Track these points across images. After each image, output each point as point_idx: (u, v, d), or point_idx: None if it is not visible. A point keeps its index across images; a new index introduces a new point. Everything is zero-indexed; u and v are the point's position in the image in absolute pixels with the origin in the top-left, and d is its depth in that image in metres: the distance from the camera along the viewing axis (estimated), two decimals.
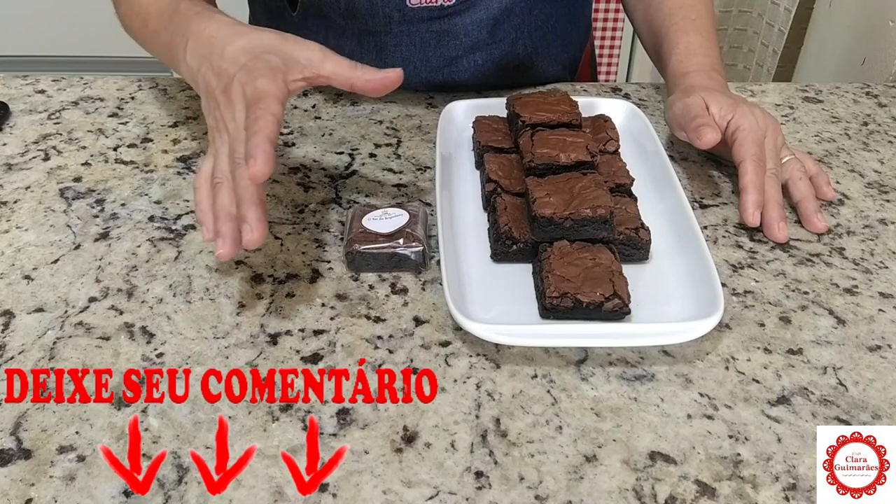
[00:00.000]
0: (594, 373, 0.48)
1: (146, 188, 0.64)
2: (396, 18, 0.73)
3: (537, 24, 0.78)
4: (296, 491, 0.41)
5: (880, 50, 1.06)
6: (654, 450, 0.44)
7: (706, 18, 0.73)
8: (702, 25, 0.72)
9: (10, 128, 0.73)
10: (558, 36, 0.81)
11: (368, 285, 0.55)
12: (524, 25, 0.77)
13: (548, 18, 0.78)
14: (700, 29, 0.72)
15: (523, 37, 0.77)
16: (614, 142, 0.64)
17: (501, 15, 0.75)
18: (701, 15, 0.73)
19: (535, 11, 0.77)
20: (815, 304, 0.54)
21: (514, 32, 0.77)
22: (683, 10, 0.73)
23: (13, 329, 0.51)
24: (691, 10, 0.73)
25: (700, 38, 0.71)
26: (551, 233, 0.53)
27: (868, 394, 0.48)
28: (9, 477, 0.42)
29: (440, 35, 0.75)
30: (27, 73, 0.83)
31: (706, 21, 0.73)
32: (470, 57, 0.77)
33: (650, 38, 0.78)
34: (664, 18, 0.74)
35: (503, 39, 0.76)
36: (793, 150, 0.64)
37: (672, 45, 0.72)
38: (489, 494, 0.41)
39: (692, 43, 0.71)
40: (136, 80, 0.81)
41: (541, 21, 0.78)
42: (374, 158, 0.69)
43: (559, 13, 0.80)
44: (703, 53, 0.70)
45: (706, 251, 0.53)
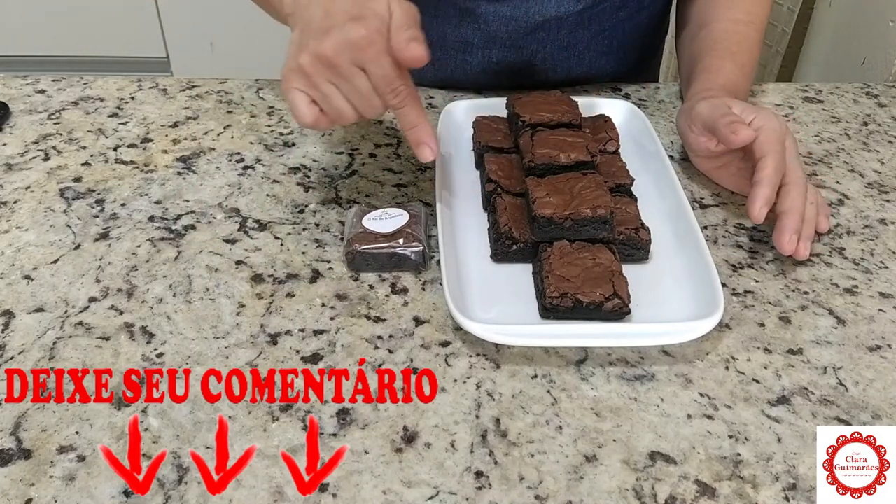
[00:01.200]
0: (594, 373, 0.48)
1: (146, 188, 0.64)
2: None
3: (562, 45, 0.76)
4: (296, 491, 0.41)
5: (880, 50, 1.06)
6: (654, 450, 0.44)
7: (747, 53, 0.71)
8: (741, 59, 0.70)
9: (10, 128, 0.73)
10: (584, 63, 0.79)
11: (368, 285, 0.55)
12: (548, 41, 0.76)
13: (576, 43, 0.77)
14: (738, 60, 0.70)
15: (544, 51, 0.76)
16: (614, 142, 0.64)
17: (529, 26, 0.74)
18: (742, 49, 0.71)
19: (564, 32, 0.75)
20: (815, 304, 0.54)
21: (535, 44, 0.76)
22: (727, 42, 0.71)
23: (13, 329, 0.51)
24: (736, 44, 0.71)
25: (734, 67, 0.69)
26: (551, 233, 0.53)
27: (868, 394, 0.48)
28: (9, 477, 0.42)
29: (463, 15, 0.74)
30: (27, 73, 0.83)
31: (746, 56, 0.71)
32: (486, 51, 0.76)
33: (688, 65, 0.75)
34: (707, 46, 0.72)
35: (522, 47, 0.76)
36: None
37: (703, 67, 0.70)
38: (489, 494, 0.41)
39: (724, 69, 0.69)
40: (136, 80, 0.81)
41: (567, 43, 0.76)
42: (374, 158, 0.69)
43: (592, 41, 0.77)
44: (732, 81, 0.68)
45: (706, 251, 0.53)
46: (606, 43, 0.78)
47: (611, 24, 0.77)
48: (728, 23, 0.73)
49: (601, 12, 0.76)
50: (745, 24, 0.73)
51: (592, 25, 0.76)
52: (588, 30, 0.76)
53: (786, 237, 0.55)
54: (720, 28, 0.73)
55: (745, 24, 0.73)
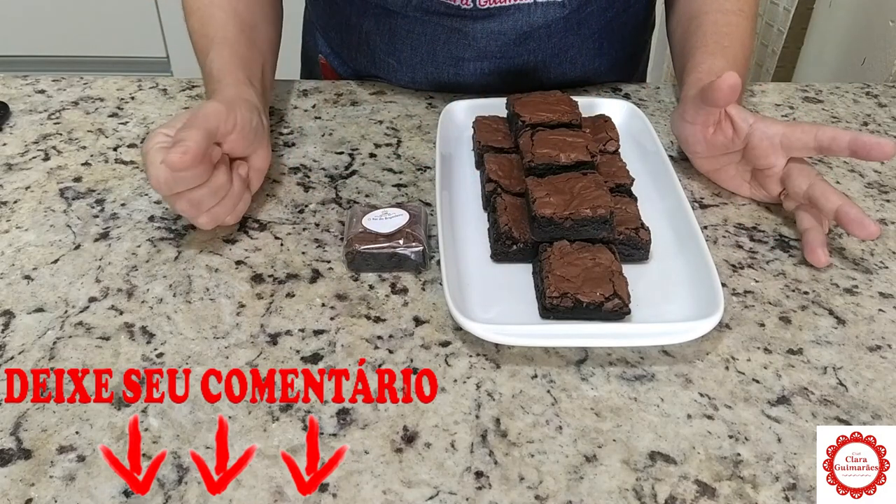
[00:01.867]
0: (594, 373, 0.48)
1: (146, 188, 0.64)
2: (415, 2, 0.73)
3: (553, 53, 0.76)
4: (296, 491, 0.41)
5: (880, 50, 1.06)
6: (654, 450, 0.44)
7: (738, 45, 0.70)
8: (731, 53, 0.69)
9: (10, 128, 0.73)
10: (577, 66, 0.79)
11: (368, 285, 0.55)
12: (539, 50, 0.76)
13: (567, 49, 0.77)
14: (729, 56, 0.68)
15: (535, 60, 0.76)
16: (614, 142, 0.64)
17: (518, 37, 0.74)
18: (734, 41, 0.69)
19: (554, 40, 0.75)
20: (815, 304, 0.54)
21: (526, 55, 0.76)
22: (718, 35, 0.70)
23: (13, 329, 0.51)
24: (726, 36, 0.70)
25: (726, 63, 0.67)
26: (551, 233, 0.53)
27: (868, 394, 0.48)
28: (9, 477, 0.42)
29: (451, 32, 0.75)
30: (27, 73, 0.83)
31: (738, 48, 0.69)
32: (477, 63, 0.76)
33: (680, 59, 0.74)
34: (697, 40, 0.71)
35: (514, 57, 0.76)
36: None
37: (695, 65, 0.68)
38: (489, 494, 0.41)
39: (716, 66, 0.67)
40: (136, 80, 0.81)
41: (558, 50, 0.76)
42: (374, 158, 0.69)
43: (582, 45, 0.77)
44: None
45: (706, 251, 0.53)
46: (597, 46, 0.78)
47: (599, 27, 0.77)
48: (717, 14, 0.72)
49: (589, 16, 0.76)
50: (734, 13, 0.71)
51: (582, 29, 0.76)
52: (577, 34, 0.76)
53: (819, 252, 0.56)
54: (710, 20, 0.71)
55: (734, 13, 0.71)
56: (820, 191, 0.56)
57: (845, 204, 0.55)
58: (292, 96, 0.79)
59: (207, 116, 0.54)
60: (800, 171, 0.59)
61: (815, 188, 0.57)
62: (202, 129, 0.52)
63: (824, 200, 0.56)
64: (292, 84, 0.81)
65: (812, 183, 0.57)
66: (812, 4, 1.28)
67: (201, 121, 0.53)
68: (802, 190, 0.58)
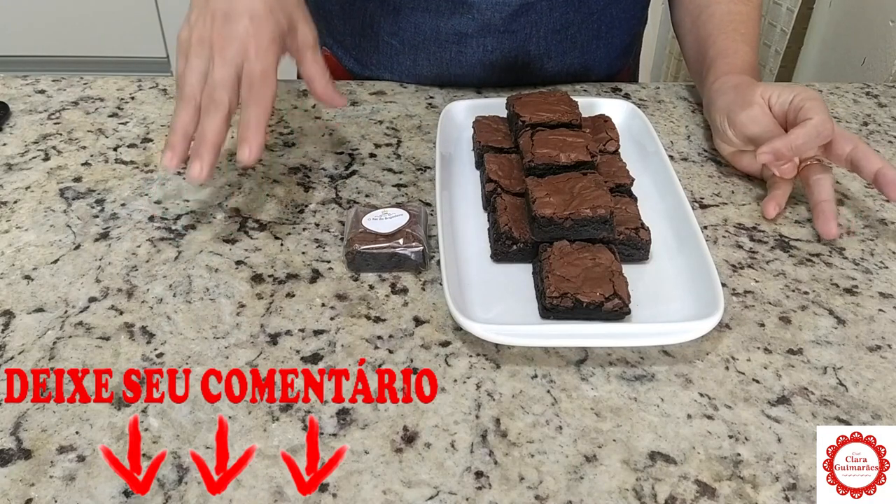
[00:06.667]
0: (594, 373, 0.48)
1: (146, 188, 0.64)
2: None
3: (555, 28, 0.78)
4: (296, 491, 0.41)
5: (880, 50, 1.06)
6: (654, 450, 0.44)
7: (753, 34, 0.74)
8: (749, 38, 0.73)
9: (10, 128, 0.73)
10: (577, 46, 0.80)
11: (368, 285, 0.55)
12: (541, 24, 0.77)
13: (568, 25, 0.78)
14: (748, 41, 0.72)
15: (538, 35, 0.77)
16: (614, 142, 0.64)
17: (520, 7, 0.75)
18: (749, 29, 0.74)
19: (556, 14, 0.77)
20: (815, 304, 0.54)
21: (529, 28, 0.77)
22: (734, 23, 0.74)
23: (13, 329, 0.51)
24: (741, 24, 0.74)
25: (748, 49, 0.72)
26: (551, 233, 0.53)
27: (868, 394, 0.48)
28: (9, 477, 0.42)
29: (455, 5, 0.75)
30: (27, 73, 0.83)
31: (752, 36, 0.74)
32: (480, 39, 0.77)
33: (695, 47, 0.77)
34: (714, 28, 0.74)
35: (516, 32, 0.77)
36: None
37: (722, 49, 0.72)
38: (489, 494, 0.41)
39: (740, 51, 0.71)
40: (136, 80, 0.81)
41: (559, 26, 0.77)
42: (374, 158, 0.69)
43: (582, 24, 0.79)
44: (749, 63, 0.70)
45: (706, 251, 0.53)
46: (596, 27, 0.80)
47: (599, 7, 0.79)
48: (729, 4, 0.75)
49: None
50: (744, 3, 0.75)
51: (582, 8, 0.78)
52: (579, 12, 0.78)
53: (832, 223, 0.59)
54: (722, 10, 0.75)
55: (744, 3, 0.75)
56: (863, 153, 0.59)
57: (885, 167, 0.58)
58: (292, 96, 0.79)
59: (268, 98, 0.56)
60: (842, 134, 0.61)
61: (857, 150, 0.60)
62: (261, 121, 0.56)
63: (866, 161, 0.59)
64: (292, 84, 0.81)
65: (856, 146, 0.60)
66: (812, 4, 1.28)
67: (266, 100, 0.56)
68: (846, 152, 0.60)
